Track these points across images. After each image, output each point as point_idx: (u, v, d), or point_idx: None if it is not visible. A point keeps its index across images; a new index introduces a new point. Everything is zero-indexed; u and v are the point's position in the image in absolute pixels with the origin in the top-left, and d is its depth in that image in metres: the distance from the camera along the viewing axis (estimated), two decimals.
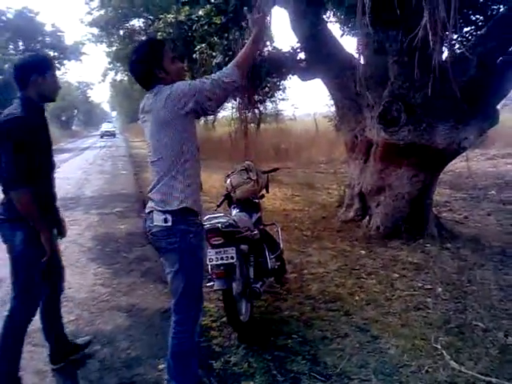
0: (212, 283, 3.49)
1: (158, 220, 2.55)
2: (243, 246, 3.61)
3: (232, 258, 3.35)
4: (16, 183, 2.72)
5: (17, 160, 2.70)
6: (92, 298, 4.60)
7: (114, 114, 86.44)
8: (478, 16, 8.09)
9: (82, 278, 5.20)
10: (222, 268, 3.35)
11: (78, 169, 17.50)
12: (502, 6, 7.62)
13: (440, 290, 4.32)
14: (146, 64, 2.62)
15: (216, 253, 3.36)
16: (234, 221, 3.59)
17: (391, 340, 3.43)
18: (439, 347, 3.26)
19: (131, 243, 6.36)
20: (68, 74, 54.29)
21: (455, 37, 5.79)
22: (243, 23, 7.74)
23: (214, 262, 3.35)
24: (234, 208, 4.23)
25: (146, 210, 2.67)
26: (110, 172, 15.89)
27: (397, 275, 4.75)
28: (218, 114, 35.06)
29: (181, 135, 2.55)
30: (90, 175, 15.43)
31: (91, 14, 22.05)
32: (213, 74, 2.63)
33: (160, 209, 2.56)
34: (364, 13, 4.41)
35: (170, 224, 2.53)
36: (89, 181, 14.03)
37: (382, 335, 3.52)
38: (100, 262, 5.76)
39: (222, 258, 3.35)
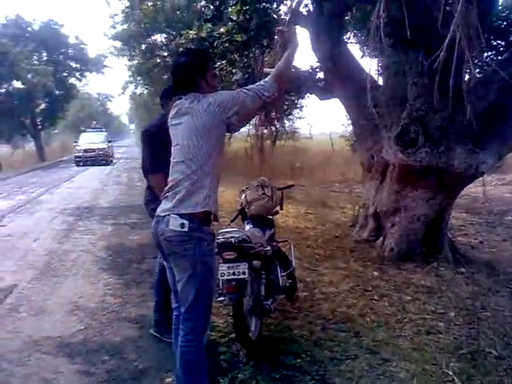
0: (222, 298, 3.47)
1: (174, 224, 2.54)
2: (255, 262, 3.59)
3: (244, 273, 3.33)
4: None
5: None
6: (102, 308, 4.61)
7: (132, 126, 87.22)
8: (499, 41, 8.10)
9: (92, 288, 5.23)
10: (233, 283, 3.33)
11: (95, 179, 17.70)
12: None
13: (453, 314, 4.25)
14: (191, 69, 2.68)
15: (228, 267, 3.34)
16: (247, 236, 3.58)
17: (401, 363, 3.38)
18: (450, 373, 3.20)
19: (143, 254, 6.39)
20: (89, 85, 54.97)
21: (476, 61, 5.75)
22: (264, 41, 7.83)
23: (226, 277, 3.33)
24: (247, 223, 4.22)
25: (160, 213, 2.64)
26: (125, 183, 16.02)
27: (409, 298, 4.69)
28: None
29: (215, 142, 2.61)
30: (106, 186, 15.58)
31: (115, 27, 22.44)
32: (253, 87, 2.66)
33: (178, 212, 2.55)
34: (385, 35, 4.43)
35: (186, 229, 2.52)
36: (105, 191, 14.17)
37: (392, 358, 3.46)
38: (111, 272, 5.78)
39: (233, 273, 3.33)
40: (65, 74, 35.95)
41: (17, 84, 29.54)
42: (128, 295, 4.96)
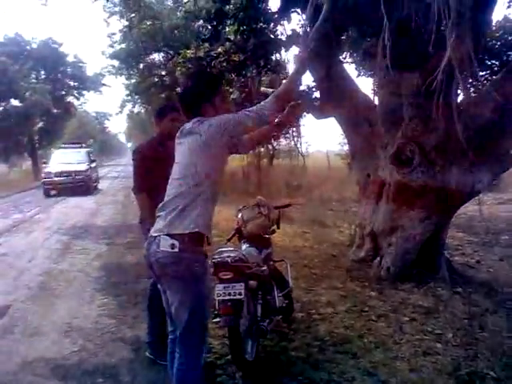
0: (218, 319, 3.44)
1: (165, 245, 2.52)
2: (252, 282, 3.57)
3: (240, 293, 3.30)
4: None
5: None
6: (97, 329, 4.57)
7: (130, 145, 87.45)
8: (493, 61, 8.19)
9: (87, 308, 5.19)
10: (229, 304, 3.30)
11: (90, 199, 17.64)
12: None
13: (450, 335, 4.21)
14: (197, 96, 2.71)
15: (224, 287, 3.31)
16: (243, 255, 3.56)
17: None
18: None
19: (139, 274, 6.31)
20: (87, 104, 54.92)
21: (470, 81, 5.82)
22: (261, 61, 7.90)
23: (222, 297, 3.30)
24: (244, 243, 4.20)
25: (153, 233, 2.62)
26: (121, 202, 15.97)
27: (407, 318, 4.65)
28: None
29: (213, 163, 2.62)
30: (101, 205, 15.53)
31: (113, 46, 22.69)
32: (254, 108, 2.68)
33: (168, 232, 2.52)
34: (384, 56, 4.47)
35: (176, 250, 2.50)
36: (100, 210, 14.13)
37: (389, 380, 3.43)
38: (106, 292, 5.74)
39: (229, 294, 3.30)
40: (63, 93, 36.12)
41: (14, 102, 29.64)
42: (123, 316, 4.91)
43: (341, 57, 8.24)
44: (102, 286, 6.01)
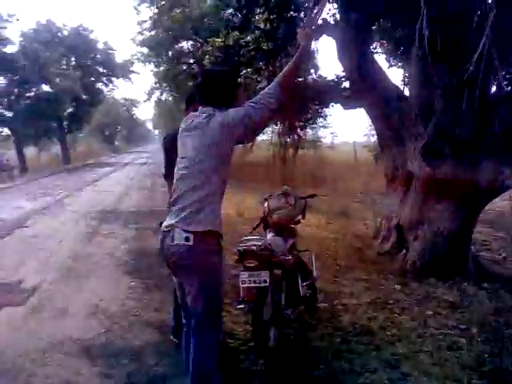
0: (243, 306, 3.47)
1: (179, 239, 2.53)
2: (276, 271, 3.59)
3: (265, 281, 3.33)
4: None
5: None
6: (123, 312, 4.65)
7: (157, 132, 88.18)
8: None
9: (114, 291, 5.28)
10: (253, 291, 3.34)
11: (118, 184, 17.88)
12: None
13: (475, 330, 4.16)
14: (218, 91, 2.69)
15: (249, 275, 3.35)
16: (268, 244, 3.58)
17: (422, 379, 3.33)
18: None
19: None
20: (115, 90, 55.20)
21: (505, 74, 5.68)
22: (291, 50, 7.84)
23: (247, 285, 3.34)
24: (269, 232, 4.22)
25: (164, 228, 2.65)
26: (149, 188, 16.15)
27: (431, 312, 4.62)
28: (257, 138, 35.67)
29: (222, 159, 2.61)
30: (129, 190, 15.73)
31: (142, 34, 22.78)
32: (259, 98, 2.64)
33: (182, 228, 2.54)
34: (420, 45, 4.39)
35: (191, 243, 2.51)
36: (128, 196, 14.30)
37: (412, 373, 3.41)
38: (133, 276, 5.84)
39: (254, 281, 3.33)
40: (92, 79, 36.61)
41: (45, 88, 30.13)
42: (149, 300, 5.00)
43: (371, 47, 8.12)
44: (129, 270, 6.11)
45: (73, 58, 35.47)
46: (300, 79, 7.80)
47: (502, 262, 6.84)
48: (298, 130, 18.98)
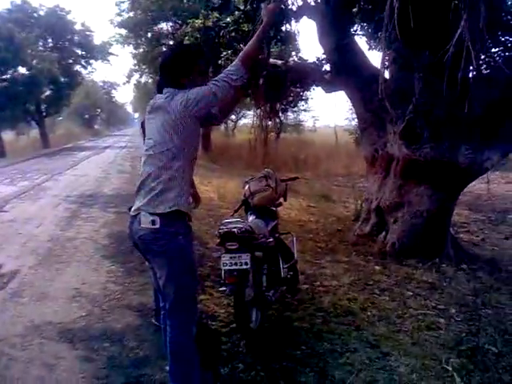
0: (224, 288, 3.48)
1: (145, 222, 2.51)
2: (258, 253, 3.60)
3: (246, 263, 3.33)
4: None
5: None
6: (104, 295, 4.63)
7: (137, 115, 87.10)
8: (507, 37, 8.04)
9: (95, 275, 5.25)
10: (235, 273, 3.34)
11: (98, 167, 17.68)
12: None
13: (454, 311, 4.26)
14: (172, 70, 2.66)
15: (230, 257, 3.35)
16: (250, 227, 3.58)
17: (401, 358, 3.39)
18: (450, 369, 3.21)
19: None
20: (94, 73, 53.98)
21: (483, 57, 5.72)
22: (271, 32, 7.75)
23: (228, 267, 3.34)
24: (250, 214, 4.22)
25: (132, 212, 2.62)
26: (129, 172, 15.99)
27: (410, 293, 4.70)
28: (239, 122, 35.57)
29: (187, 138, 2.58)
30: (109, 174, 15.57)
31: (121, 15, 22.38)
32: (221, 76, 2.62)
33: (148, 211, 2.52)
34: (393, 28, 4.39)
35: (157, 226, 2.49)
36: (108, 179, 14.16)
37: (392, 352, 3.47)
38: (114, 259, 5.80)
39: (235, 264, 3.33)
40: (70, 61, 35.88)
41: (22, 70, 29.45)
42: (130, 283, 4.98)
43: (352, 29, 8.09)
44: (109, 253, 6.07)
45: (50, 40, 34.64)
46: (280, 61, 7.73)
47: (480, 244, 6.97)
48: (280, 114, 18.94)
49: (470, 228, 8.03)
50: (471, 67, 5.10)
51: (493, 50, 7.28)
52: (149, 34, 21.37)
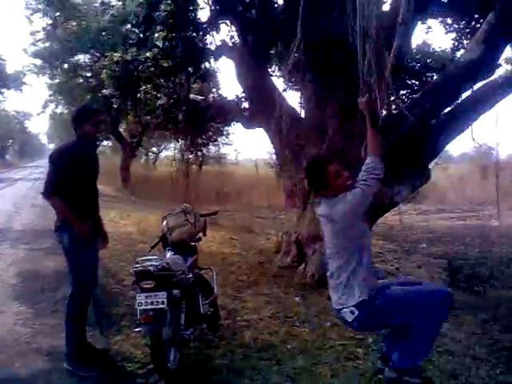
0: (140, 328, 3.37)
1: None
2: (175, 291, 3.52)
3: (163, 303, 3.24)
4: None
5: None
6: (12, 339, 4.30)
7: (52, 146, 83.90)
8: (413, 81, 8.76)
9: (1, 317, 4.88)
10: (151, 313, 3.24)
11: (9, 201, 16.71)
12: (435, 74, 8.23)
13: (371, 340, 4.35)
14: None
15: (146, 297, 3.25)
16: (167, 264, 3.50)
17: None
18: None
19: (58, 282, 6.04)
20: (6, 102, 51.31)
21: (392, 98, 6.10)
22: (190, 68, 7.84)
23: (143, 307, 3.24)
24: (168, 250, 4.15)
25: None
26: (42, 206, 15.22)
27: (329, 324, 4.76)
28: (160, 154, 35.25)
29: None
30: (20, 208, 14.73)
31: (36, 45, 21.70)
32: (365, 175, 3.13)
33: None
34: (305, 71, 4.58)
35: None
36: (19, 214, 13.39)
37: None
38: (23, 300, 5.42)
39: (151, 303, 3.24)
40: None
41: None
42: (40, 325, 4.67)
43: (270, 70, 8.38)
44: (18, 294, 5.68)
45: None
46: (200, 97, 7.82)
47: (395, 273, 7.25)
48: (201, 147, 19.04)
49: (384, 257, 8.36)
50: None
51: (401, 92, 7.85)
52: (65, 65, 20.87)
